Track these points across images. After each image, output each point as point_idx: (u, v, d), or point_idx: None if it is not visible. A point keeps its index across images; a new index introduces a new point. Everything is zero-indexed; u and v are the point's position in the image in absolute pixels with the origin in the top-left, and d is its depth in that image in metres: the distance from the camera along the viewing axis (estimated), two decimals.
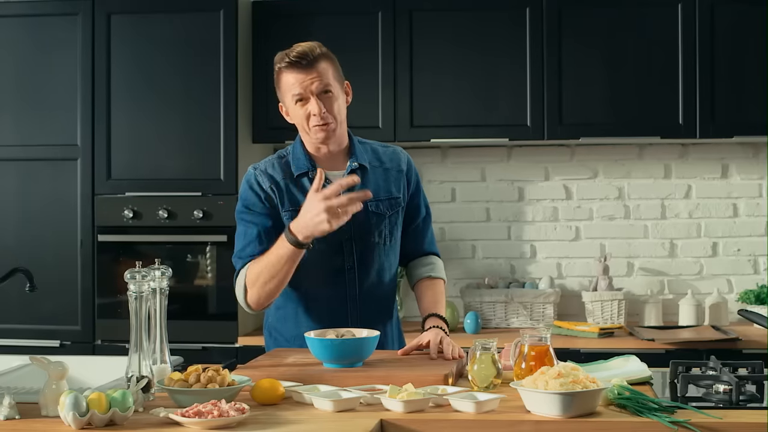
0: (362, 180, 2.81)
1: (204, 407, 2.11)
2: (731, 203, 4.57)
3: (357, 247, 2.84)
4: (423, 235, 3.02)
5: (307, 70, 2.74)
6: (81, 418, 2.06)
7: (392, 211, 2.90)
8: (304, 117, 2.77)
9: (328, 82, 2.76)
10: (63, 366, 2.22)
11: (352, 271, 2.85)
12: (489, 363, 2.42)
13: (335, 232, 2.67)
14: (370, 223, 2.84)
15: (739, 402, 2.27)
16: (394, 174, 2.93)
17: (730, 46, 4.22)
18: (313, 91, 2.74)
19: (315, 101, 2.74)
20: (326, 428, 2.09)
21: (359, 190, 2.65)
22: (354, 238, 2.83)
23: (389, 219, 2.89)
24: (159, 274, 2.49)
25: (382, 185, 2.89)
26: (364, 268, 2.86)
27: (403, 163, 2.96)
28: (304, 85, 2.74)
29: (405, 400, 2.20)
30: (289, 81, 2.76)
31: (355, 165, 2.85)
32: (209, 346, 4.21)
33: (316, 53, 2.75)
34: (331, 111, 2.77)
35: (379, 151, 2.96)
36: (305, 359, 2.64)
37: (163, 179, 4.27)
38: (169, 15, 4.29)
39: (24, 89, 4.35)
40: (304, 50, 2.74)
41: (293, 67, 2.74)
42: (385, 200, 2.89)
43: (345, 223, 2.64)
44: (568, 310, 4.57)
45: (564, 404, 2.12)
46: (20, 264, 4.26)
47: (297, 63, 2.73)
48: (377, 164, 2.92)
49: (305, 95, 2.74)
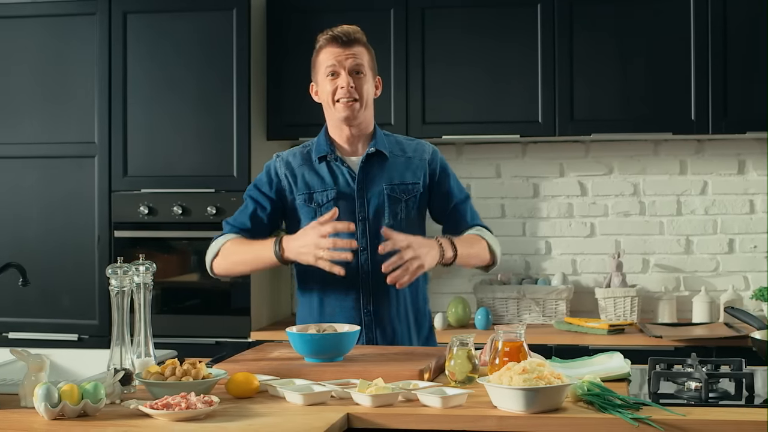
0: (381, 165, 2.94)
1: (173, 399, 2.16)
2: (748, 199, 4.52)
3: (370, 229, 2.92)
4: (462, 215, 3.05)
5: (345, 47, 2.89)
6: (53, 409, 2.12)
7: (408, 196, 2.96)
8: (331, 92, 2.90)
9: (362, 63, 2.90)
10: (41, 358, 2.28)
11: (365, 252, 2.92)
12: (465, 358, 2.44)
13: (350, 213, 2.86)
14: (384, 206, 2.92)
15: (709, 399, 2.27)
16: (416, 162, 3.00)
17: (743, 41, 4.17)
18: (346, 66, 2.88)
19: (345, 76, 2.87)
20: (292, 421, 2.13)
21: (348, 238, 2.74)
22: (368, 219, 2.92)
23: (405, 203, 2.95)
24: (143, 269, 2.55)
25: (400, 171, 2.97)
26: (377, 250, 2.87)
27: (427, 153, 3.03)
28: (339, 59, 2.88)
29: (373, 394, 2.23)
30: (325, 55, 2.92)
31: (372, 150, 2.94)
32: (223, 341, 4.27)
33: (356, 35, 2.92)
34: (359, 90, 2.88)
35: (403, 142, 3.06)
36: (289, 353, 2.69)
37: (178, 176, 4.34)
38: (184, 14, 4.35)
39: (43, 88, 4.44)
40: (347, 30, 2.91)
41: (332, 42, 2.90)
42: (401, 185, 2.95)
43: (360, 205, 2.86)
44: (582, 307, 4.56)
45: (527, 400, 2.14)
46: (40, 259, 4.41)
47: (337, 38, 2.89)
48: (399, 153, 3.00)
49: (337, 69, 2.88)
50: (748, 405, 2.25)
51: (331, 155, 2.94)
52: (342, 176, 2.94)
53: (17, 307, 4.42)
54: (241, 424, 2.09)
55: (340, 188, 2.93)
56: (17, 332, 4.42)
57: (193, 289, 4.41)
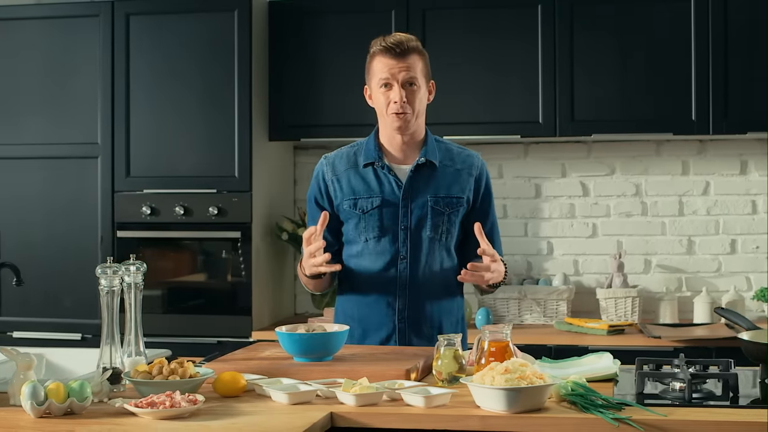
0: (429, 176, 2.95)
1: (158, 398, 2.18)
2: (750, 200, 4.51)
3: (411, 238, 2.94)
4: (493, 237, 3.02)
5: (398, 59, 2.87)
6: (39, 407, 2.15)
7: (451, 209, 2.97)
8: (384, 103, 2.90)
9: (415, 75, 2.89)
10: (30, 357, 2.31)
11: (405, 261, 2.93)
12: (451, 358, 2.46)
13: (393, 221, 2.90)
14: (427, 218, 2.94)
15: (694, 400, 2.27)
16: (464, 175, 3.00)
17: (744, 41, 4.16)
18: (399, 79, 2.87)
19: (398, 89, 2.87)
20: (275, 420, 2.14)
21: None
22: (410, 229, 2.93)
23: (448, 216, 2.96)
24: (134, 269, 2.57)
25: (447, 183, 2.97)
26: (416, 258, 2.93)
27: (475, 168, 3.03)
28: (393, 72, 2.87)
29: (357, 393, 2.24)
30: (379, 65, 2.90)
31: (422, 160, 2.95)
32: (224, 341, 4.29)
33: (410, 44, 2.89)
34: (411, 102, 2.89)
35: (453, 150, 3.04)
36: (280, 353, 2.70)
37: (180, 177, 4.37)
38: (186, 15, 4.38)
39: (47, 89, 4.48)
40: (400, 39, 2.88)
41: (386, 53, 2.87)
42: (446, 198, 2.96)
43: (404, 214, 2.90)
44: (583, 307, 4.56)
45: (509, 399, 2.15)
46: (43, 259, 4.45)
47: (391, 50, 2.87)
48: (448, 163, 3.00)
49: (391, 82, 2.88)
50: (732, 406, 2.25)
51: (379, 162, 2.95)
52: (388, 184, 2.94)
53: (21, 307, 4.47)
54: (225, 423, 2.11)
55: (385, 196, 2.94)
56: (21, 331, 4.46)
57: (195, 289, 4.43)
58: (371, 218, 2.92)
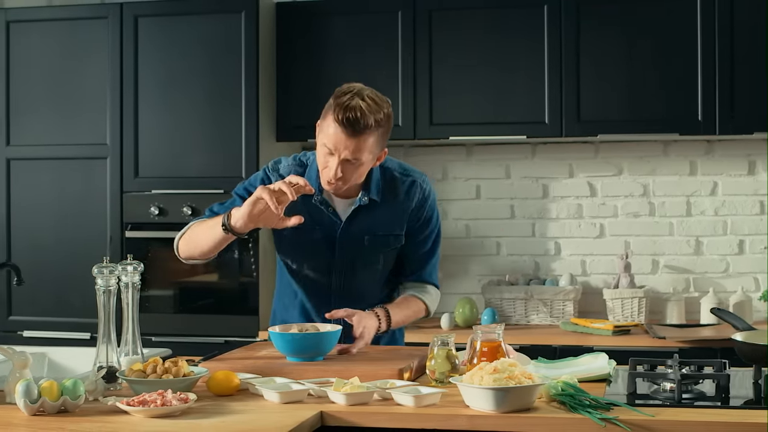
0: (370, 212, 2.86)
1: (150, 396, 2.20)
2: (758, 200, 4.50)
3: (346, 273, 2.91)
4: (424, 266, 3.01)
5: (349, 136, 2.67)
6: (32, 405, 2.18)
7: (388, 248, 2.93)
8: (323, 164, 2.76)
9: (361, 156, 2.71)
10: (26, 356, 2.34)
11: (339, 292, 2.92)
12: (444, 358, 2.47)
13: (325, 255, 2.86)
14: (361, 255, 2.90)
15: (684, 400, 2.27)
16: (403, 209, 2.92)
17: (750, 41, 4.15)
18: (341, 155, 2.70)
19: (336, 164, 2.71)
20: (265, 418, 2.16)
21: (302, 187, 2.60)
22: (345, 263, 2.90)
23: (384, 254, 2.94)
24: (131, 269, 2.60)
25: (386, 220, 2.90)
26: (349, 292, 2.91)
27: (415, 200, 2.93)
28: (338, 147, 2.69)
29: (347, 393, 2.25)
30: (329, 131, 2.70)
31: (365, 201, 2.86)
32: (231, 340, 4.31)
33: (368, 124, 2.67)
34: (346, 177, 2.74)
35: (397, 180, 2.93)
36: (275, 353, 2.72)
37: (188, 177, 4.40)
38: (194, 17, 4.41)
39: (57, 91, 4.52)
40: (357, 117, 2.65)
41: (339, 125, 2.67)
42: (383, 236, 2.91)
43: (340, 249, 2.84)
44: (590, 308, 4.55)
45: (497, 399, 2.15)
46: (53, 259, 4.49)
47: (345, 125, 2.66)
48: (391, 198, 2.91)
49: (333, 153, 2.71)
50: (722, 406, 2.25)
51: (318, 197, 2.85)
52: (327, 218, 2.87)
53: (31, 307, 4.52)
54: (214, 421, 2.13)
55: (324, 229, 2.88)
56: (31, 331, 4.51)
57: (203, 289, 4.46)
58: (306, 246, 2.86)
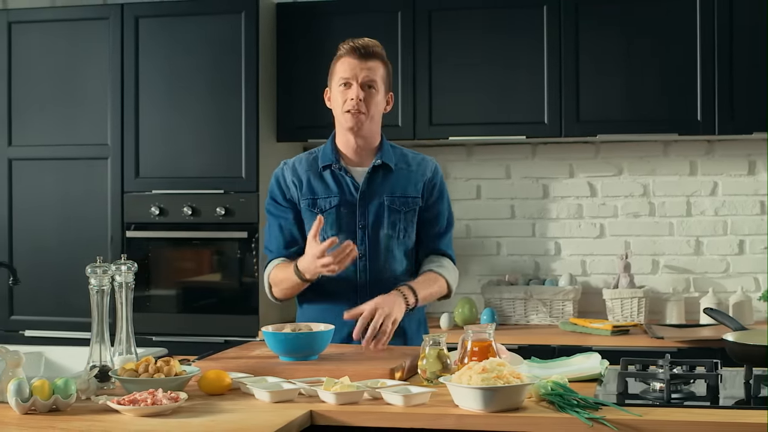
0: (385, 177, 3.02)
1: (140, 395, 2.22)
2: (758, 200, 4.49)
3: (370, 237, 2.98)
4: (440, 239, 3.10)
5: (361, 60, 2.93)
6: (24, 404, 2.19)
7: (407, 208, 3.03)
8: (341, 101, 2.96)
9: (375, 79, 2.95)
10: (18, 355, 2.35)
11: (363, 259, 2.97)
12: (435, 357, 2.48)
13: (351, 221, 2.95)
14: (384, 217, 2.99)
15: (673, 400, 2.28)
16: (417, 177, 3.06)
17: (749, 41, 4.14)
18: (359, 79, 2.92)
19: (356, 88, 2.92)
20: (255, 417, 2.17)
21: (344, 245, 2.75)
22: (368, 227, 2.98)
23: (404, 215, 3.02)
24: (125, 268, 2.61)
25: (402, 184, 3.03)
26: (375, 257, 2.97)
27: (429, 170, 3.09)
28: (354, 72, 2.93)
29: (337, 392, 2.27)
30: (342, 66, 2.96)
31: (378, 162, 3.01)
32: (231, 340, 4.32)
33: (375, 50, 2.97)
34: (367, 103, 2.95)
35: (408, 155, 3.11)
36: (269, 352, 2.73)
37: (188, 177, 4.42)
38: (194, 18, 4.42)
39: (58, 91, 4.54)
40: (366, 43, 2.96)
41: (351, 54, 2.94)
42: (401, 197, 3.02)
43: (361, 214, 2.95)
44: (590, 308, 4.55)
45: (485, 399, 2.16)
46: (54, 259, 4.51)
47: (355, 50, 2.94)
48: (403, 166, 3.06)
49: (350, 81, 2.93)
50: (711, 406, 2.25)
51: (336, 164, 3.01)
52: (346, 185, 3.00)
53: (32, 306, 4.54)
54: (204, 420, 2.14)
55: (343, 196, 2.99)
56: (33, 330, 4.53)
57: (203, 288, 4.47)
58: (329, 217, 2.96)
